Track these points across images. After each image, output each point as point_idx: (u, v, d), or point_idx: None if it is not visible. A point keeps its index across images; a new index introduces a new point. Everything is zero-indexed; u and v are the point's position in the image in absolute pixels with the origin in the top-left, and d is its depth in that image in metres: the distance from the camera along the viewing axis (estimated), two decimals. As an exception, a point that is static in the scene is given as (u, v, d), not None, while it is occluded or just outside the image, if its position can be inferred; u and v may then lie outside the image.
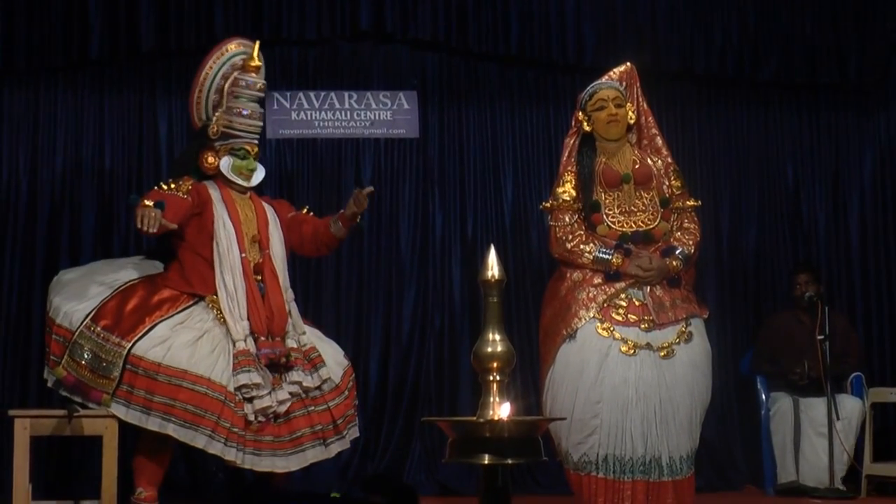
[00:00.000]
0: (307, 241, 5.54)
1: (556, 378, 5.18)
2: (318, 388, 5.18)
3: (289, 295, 5.30)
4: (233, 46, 5.49)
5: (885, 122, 7.47)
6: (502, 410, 3.29)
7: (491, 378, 3.33)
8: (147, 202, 4.96)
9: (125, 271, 5.36)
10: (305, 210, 5.68)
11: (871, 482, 6.54)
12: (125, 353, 4.91)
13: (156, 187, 5.31)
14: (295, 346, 5.17)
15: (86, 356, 4.97)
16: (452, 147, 7.03)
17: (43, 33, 6.46)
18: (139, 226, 4.90)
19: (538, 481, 6.61)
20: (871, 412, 6.59)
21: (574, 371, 5.11)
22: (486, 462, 3.23)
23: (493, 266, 3.39)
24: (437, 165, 7.00)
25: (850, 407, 6.49)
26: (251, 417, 4.93)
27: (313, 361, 5.21)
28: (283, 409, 5.02)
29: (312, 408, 5.14)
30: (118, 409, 4.90)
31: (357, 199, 5.38)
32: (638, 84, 5.51)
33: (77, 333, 5.01)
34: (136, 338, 4.94)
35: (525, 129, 7.10)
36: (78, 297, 5.14)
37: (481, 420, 3.28)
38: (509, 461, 3.25)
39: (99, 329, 4.99)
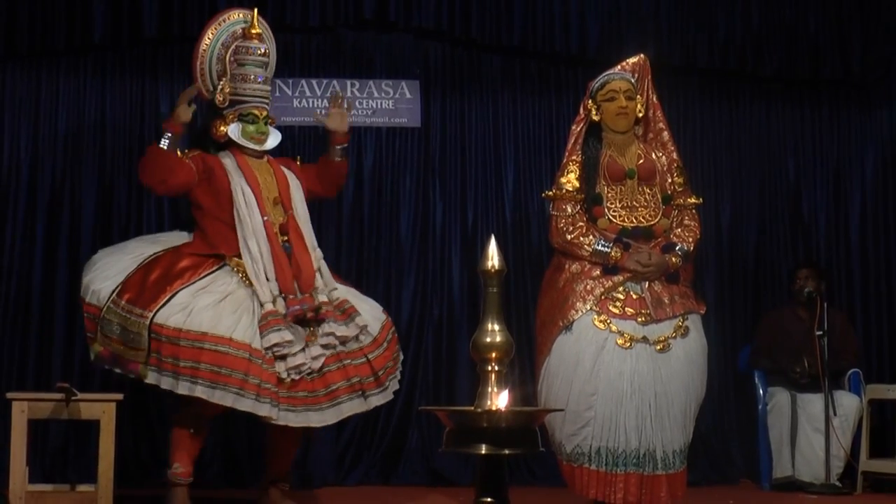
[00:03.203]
0: (322, 182, 5.60)
1: (552, 369, 5.17)
2: (356, 337, 5.18)
3: (317, 253, 5.32)
4: (231, 16, 5.50)
5: (888, 118, 7.46)
6: (500, 400, 3.29)
7: (489, 368, 3.33)
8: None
9: (153, 245, 5.40)
10: (298, 160, 5.68)
11: (868, 479, 6.54)
12: (148, 323, 4.95)
13: None
14: (325, 299, 5.18)
15: (115, 330, 5.03)
16: (454, 137, 7.02)
17: (46, 18, 6.44)
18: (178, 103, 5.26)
19: (535, 472, 6.62)
20: (868, 409, 6.59)
21: (569, 363, 5.10)
22: (483, 452, 3.23)
23: (493, 256, 3.39)
24: (438, 155, 6.99)
25: (848, 403, 6.49)
26: (283, 375, 4.94)
27: (347, 312, 5.20)
28: (317, 364, 5.02)
29: (348, 361, 5.14)
30: (153, 378, 4.95)
31: (334, 102, 5.58)
32: (650, 77, 5.49)
33: (105, 309, 5.07)
34: (157, 307, 4.98)
35: (527, 120, 7.09)
36: (105, 274, 5.19)
37: (479, 410, 3.28)
38: (506, 452, 3.25)
39: (124, 303, 5.04)
